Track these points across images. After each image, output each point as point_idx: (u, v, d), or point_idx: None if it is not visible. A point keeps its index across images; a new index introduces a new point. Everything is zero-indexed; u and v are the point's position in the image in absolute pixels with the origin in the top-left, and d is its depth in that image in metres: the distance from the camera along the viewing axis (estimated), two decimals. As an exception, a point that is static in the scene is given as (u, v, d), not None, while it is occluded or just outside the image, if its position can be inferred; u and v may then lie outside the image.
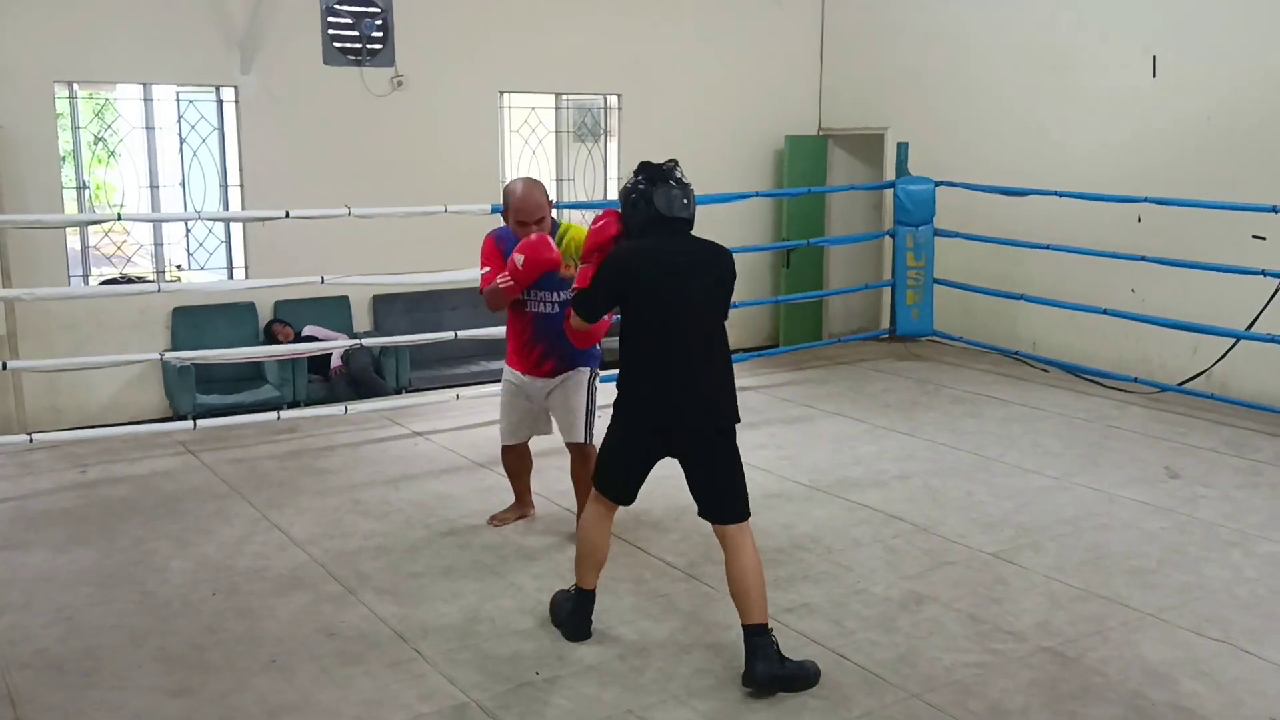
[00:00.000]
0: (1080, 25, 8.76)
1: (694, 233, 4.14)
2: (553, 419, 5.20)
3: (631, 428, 4.07)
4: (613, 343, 4.30)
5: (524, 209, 4.81)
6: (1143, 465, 6.38)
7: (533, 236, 4.68)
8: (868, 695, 3.82)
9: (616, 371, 4.10)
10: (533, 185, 4.89)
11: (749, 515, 4.02)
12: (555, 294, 4.87)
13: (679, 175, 4.09)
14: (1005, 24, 9.31)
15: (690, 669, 4.00)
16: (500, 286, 4.78)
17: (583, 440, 5.06)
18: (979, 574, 4.84)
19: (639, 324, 4.02)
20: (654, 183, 4.04)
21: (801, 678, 3.89)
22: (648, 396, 4.01)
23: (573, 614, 4.25)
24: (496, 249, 4.97)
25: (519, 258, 4.64)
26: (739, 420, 4.05)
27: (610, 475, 4.15)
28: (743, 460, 4.14)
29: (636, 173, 4.11)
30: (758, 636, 3.88)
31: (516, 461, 5.41)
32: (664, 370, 3.97)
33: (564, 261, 4.60)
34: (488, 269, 4.95)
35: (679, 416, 3.98)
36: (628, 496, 4.18)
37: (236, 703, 3.78)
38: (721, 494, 4.01)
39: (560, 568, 4.89)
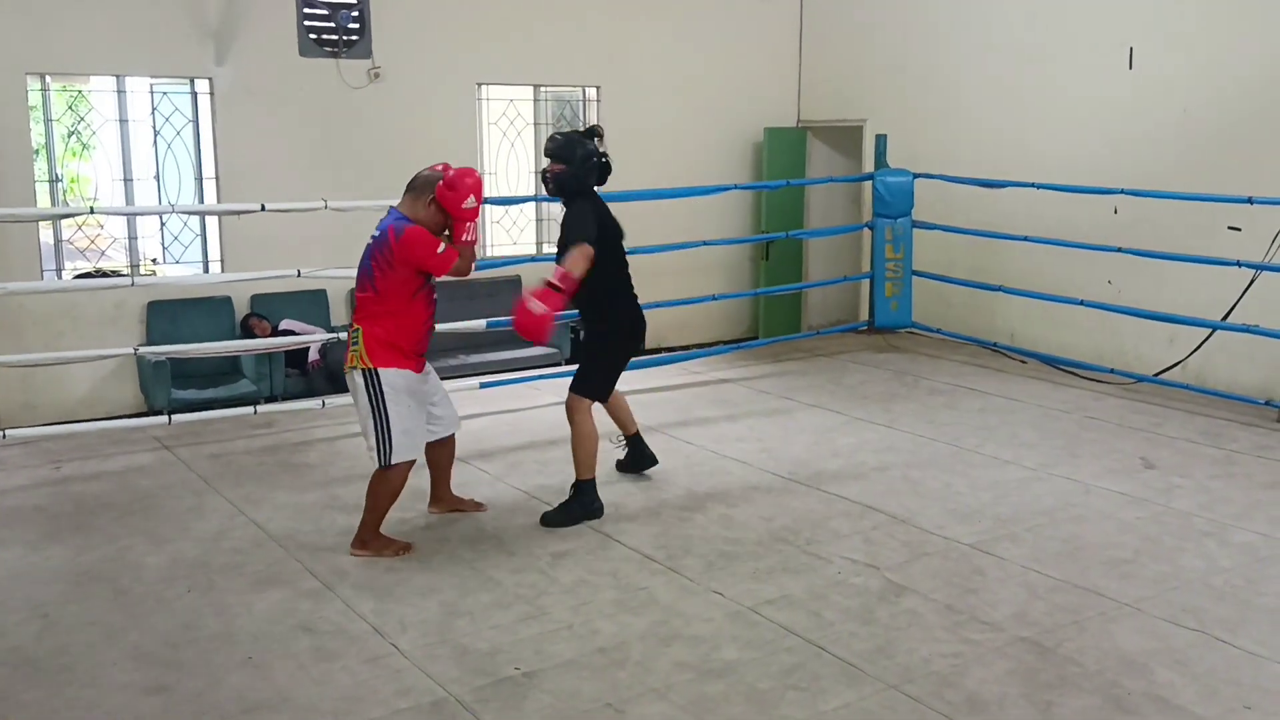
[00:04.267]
0: (1057, 17, 8.78)
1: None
2: (437, 412, 5.11)
3: (627, 342, 5.54)
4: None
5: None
6: (1119, 456, 6.42)
7: (459, 173, 4.85)
8: (846, 686, 3.83)
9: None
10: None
11: None
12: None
13: None
14: (983, 16, 9.33)
15: (669, 662, 3.99)
16: (471, 240, 4.89)
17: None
18: (957, 565, 4.86)
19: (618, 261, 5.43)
20: (602, 154, 5.36)
21: None
22: (631, 315, 5.52)
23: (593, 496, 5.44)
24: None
25: (471, 199, 4.82)
26: None
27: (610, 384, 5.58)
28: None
29: (591, 137, 5.34)
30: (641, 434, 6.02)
31: (402, 484, 5.00)
32: (630, 291, 5.51)
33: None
34: (443, 246, 4.82)
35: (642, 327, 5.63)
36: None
37: (212, 700, 3.76)
38: None
39: (539, 562, 4.88)
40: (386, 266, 4.77)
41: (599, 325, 5.49)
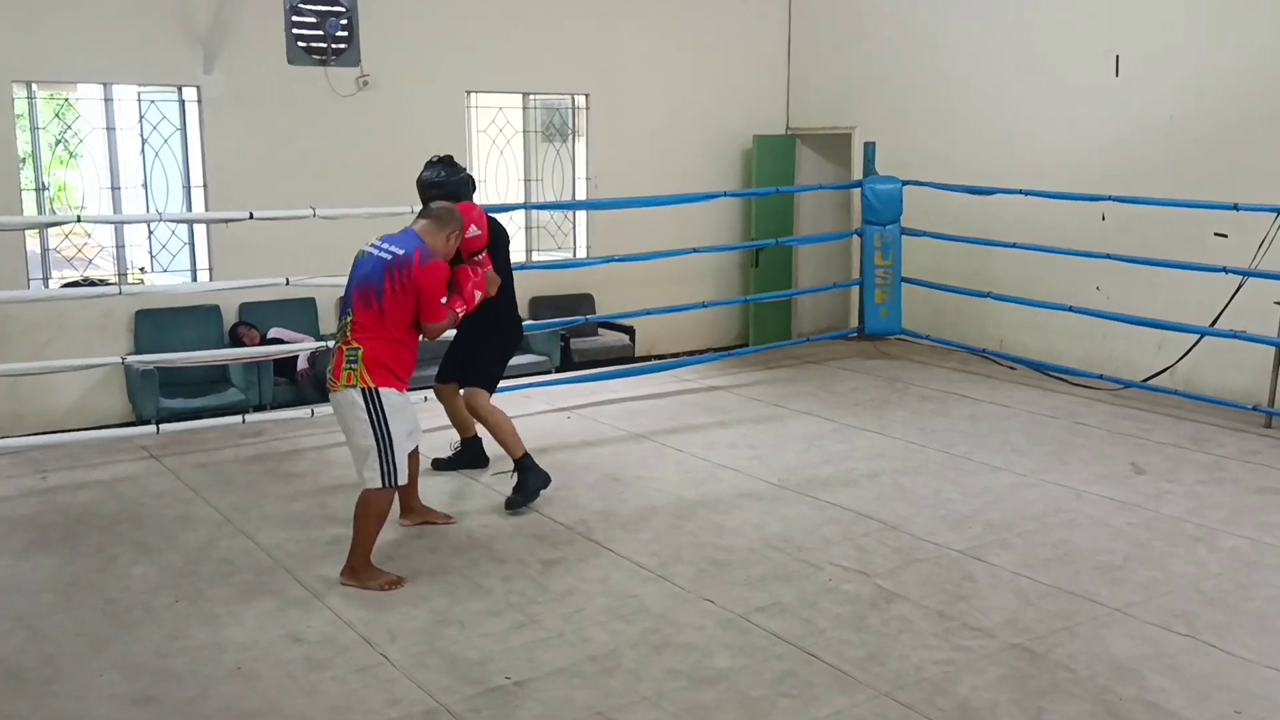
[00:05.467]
0: (1045, 25, 8.83)
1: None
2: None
3: (514, 341, 5.90)
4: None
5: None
6: (1109, 462, 6.43)
7: (478, 273, 5.09)
8: (838, 694, 3.82)
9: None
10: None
11: None
12: None
13: None
14: (971, 24, 9.37)
15: (661, 670, 3.98)
16: (456, 315, 4.93)
17: None
18: (948, 571, 4.86)
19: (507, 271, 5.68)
20: (464, 171, 5.67)
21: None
22: (514, 315, 5.89)
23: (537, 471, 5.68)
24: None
25: (479, 294, 5.03)
26: None
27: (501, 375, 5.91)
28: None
29: (454, 165, 5.61)
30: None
31: (390, 507, 4.91)
32: (513, 294, 5.81)
33: None
34: (446, 299, 4.77)
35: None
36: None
37: (200, 711, 3.73)
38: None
39: (530, 570, 4.87)
40: (400, 290, 4.64)
41: (491, 326, 5.71)
